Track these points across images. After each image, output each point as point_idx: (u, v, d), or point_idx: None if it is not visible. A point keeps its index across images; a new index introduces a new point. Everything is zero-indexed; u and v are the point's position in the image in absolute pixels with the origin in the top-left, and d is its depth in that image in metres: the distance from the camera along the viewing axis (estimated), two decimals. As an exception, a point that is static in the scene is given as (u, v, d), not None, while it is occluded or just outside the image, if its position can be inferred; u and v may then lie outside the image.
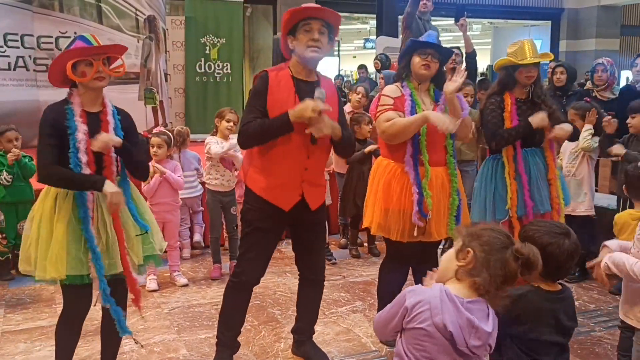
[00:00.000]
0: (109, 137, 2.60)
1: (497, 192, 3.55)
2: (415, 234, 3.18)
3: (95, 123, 2.62)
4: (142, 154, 2.86)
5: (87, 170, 2.58)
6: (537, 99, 3.53)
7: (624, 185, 3.33)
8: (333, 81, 3.24)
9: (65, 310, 2.73)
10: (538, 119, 3.44)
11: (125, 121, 2.76)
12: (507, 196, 3.49)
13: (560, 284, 2.09)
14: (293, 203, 2.95)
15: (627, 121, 4.36)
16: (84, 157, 2.56)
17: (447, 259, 1.84)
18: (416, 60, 3.24)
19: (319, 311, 3.33)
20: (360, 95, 5.58)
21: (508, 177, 3.50)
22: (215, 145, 4.53)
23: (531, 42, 3.58)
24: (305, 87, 2.91)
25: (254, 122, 2.84)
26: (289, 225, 3.19)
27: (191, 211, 5.32)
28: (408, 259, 3.40)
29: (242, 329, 3.17)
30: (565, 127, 3.53)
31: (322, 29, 2.88)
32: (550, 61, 6.10)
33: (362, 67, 11.52)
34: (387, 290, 3.45)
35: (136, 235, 2.73)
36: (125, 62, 2.82)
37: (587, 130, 4.47)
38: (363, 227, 3.49)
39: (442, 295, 1.71)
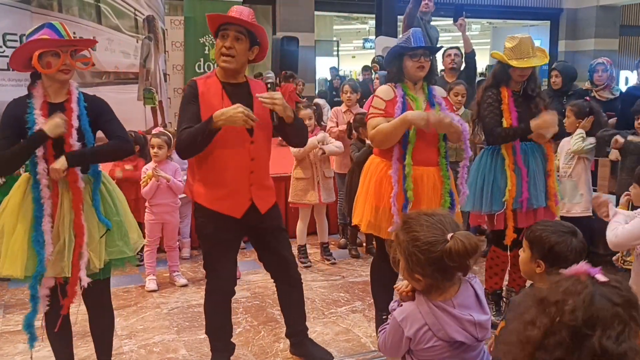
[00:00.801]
0: (58, 163, 2.52)
1: (496, 184, 3.57)
2: (390, 230, 3.16)
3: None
4: (113, 150, 2.70)
5: (43, 165, 2.53)
6: (530, 92, 3.56)
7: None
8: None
9: (48, 306, 2.70)
10: (540, 121, 3.42)
11: (94, 108, 2.68)
12: (505, 188, 3.51)
13: None
14: (244, 209, 2.90)
15: (636, 125, 4.34)
16: (39, 152, 2.53)
17: (408, 280, 1.80)
18: (409, 64, 3.22)
19: (304, 309, 3.29)
20: (348, 94, 5.56)
21: (508, 169, 3.52)
22: None
23: (529, 40, 3.55)
24: (235, 89, 2.89)
25: (185, 130, 2.79)
26: (247, 234, 3.17)
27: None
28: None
29: (240, 330, 3.18)
30: (543, 116, 3.45)
31: (240, 35, 2.82)
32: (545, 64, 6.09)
33: (366, 69, 11.49)
34: (380, 287, 3.49)
35: (100, 236, 2.65)
36: (125, 62, 2.82)
37: (578, 134, 4.44)
38: (352, 224, 3.51)
39: (434, 310, 1.69)
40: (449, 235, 1.67)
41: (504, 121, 3.53)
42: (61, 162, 2.53)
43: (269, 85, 2.89)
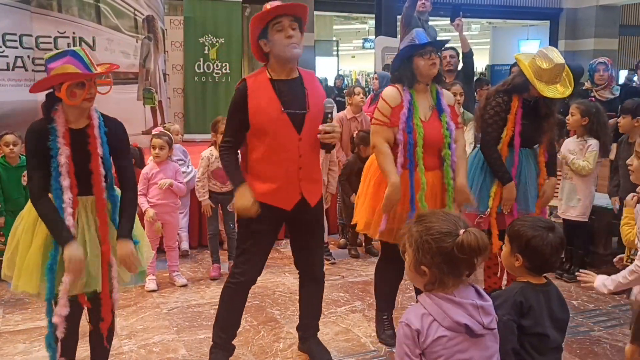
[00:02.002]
0: (130, 256, 2.60)
1: (485, 185, 3.59)
2: (384, 238, 3.22)
3: (81, 140, 2.55)
4: (135, 202, 2.75)
5: (68, 195, 2.51)
6: (544, 108, 3.52)
7: None
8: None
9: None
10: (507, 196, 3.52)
11: (113, 136, 2.66)
12: (492, 191, 3.55)
13: (544, 277, 2.11)
14: (294, 202, 2.97)
15: (618, 120, 4.34)
16: (65, 182, 2.51)
17: (411, 275, 1.81)
18: (421, 63, 3.17)
19: (321, 308, 3.33)
20: (361, 95, 5.54)
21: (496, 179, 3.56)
22: (200, 170, 4.65)
23: (562, 68, 3.39)
24: (286, 86, 2.91)
25: (226, 155, 2.94)
26: (287, 225, 3.20)
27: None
28: (402, 259, 3.41)
29: (240, 330, 3.17)
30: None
31: (293, 24, 2.85)
32: None
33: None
34: (384, 290, 3.50)
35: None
36: (124, 62, 2.82)
37: (573, 163, 4.40)
38: (352, 223, 3.52)
39: (436, 300, 1.71)
40: (462, 230, 1.69)
41: (505, 131, 3.52)
42: (131, 247, 2.61)
43: (329, 117, 2.92)
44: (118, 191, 2.77)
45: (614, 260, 3.16)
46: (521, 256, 2.05)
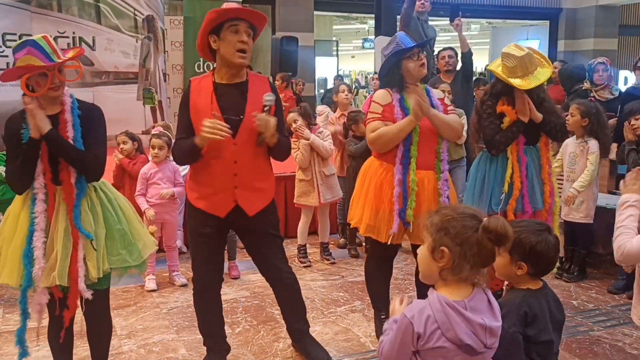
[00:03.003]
0: (39, 120, 2.48)
1: (497, 184, 3.57)
2: (391, 241, 3.21)
3: (53, 125, 2.53)
4: (84, 161, 2.60)
5: (39, 180, 2.53)
6: (536, 97, 3.53)
7: None
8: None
9: (49, 316, 2.71)
10: (521, 110, 3.44)
11: (88, 118, 2.63)
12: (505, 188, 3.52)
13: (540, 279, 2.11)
14: (227, 210, 2.91)
15: (632, 123, 4.32)
16: (39, 167, 2.54)
17: (425, 262, 1.77)
18: (411, 65, 3.21)
19: (300, 308, 3.25)
20: (345, 93, 5.54)
21: (517, 179, 3.53)
22: None
23: (528, 57, 3.38)
24: (228, 89, 2.86)
25: (177, 143, 2.90)
26: (238, 235, 3.21)
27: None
28: (391, 258, 3.49)
29: (239, 330, 3.17)
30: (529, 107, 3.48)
31: (249, 31, 2.80)
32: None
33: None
34: (377, 289, 3.51)
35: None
36: (124, 62, 2.80)
37: (577, 184, 4.40)
38: (352, 226, 3.52)
39: (445, 308, 1.67)
40: (486, 217, 1.68)
41: (506, 120, 3.52)
42: (44, 123, 2.48)
43: (265, 109, 2.83)
44: (102, 182, 2.73)
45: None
46: (525, 263, 2.01)
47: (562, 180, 4.57)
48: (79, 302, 2.66)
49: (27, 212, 2.57)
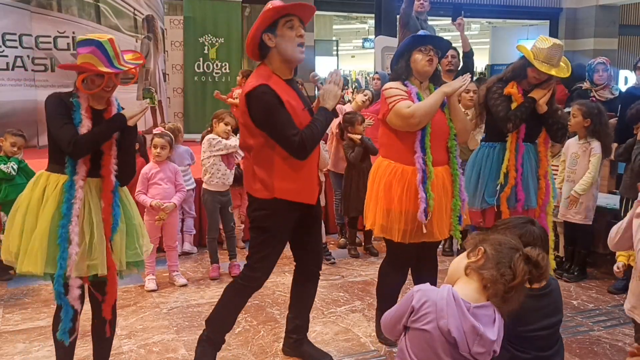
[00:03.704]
0: (134, 112, 2.69)
1: (491, 179, 3.59)
2: (424, 231, 3.15)
3: (99, 120, 2.63)
4: (132, 154, 2.84)
5: (82, 168, 2.58)
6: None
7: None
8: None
9: (57, 308, 2.71)
10: (540, 93, 3.48)
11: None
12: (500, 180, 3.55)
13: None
14: (317, 195, 3.06)
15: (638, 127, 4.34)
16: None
17: (458, 259, 1.83)
18: (418, 57, 3.18)
19: (311, 307, 3.32)
20: (367, 97, 5.55)
21: (512, 168, 3.54)
22: (226, 142, 4.62)
23: (560, 48, 3.49)
24: (291, 85, 2.90)
25: (307, 132, 2.81)
26: (299, 222, 3.07)
27: (183, 212, 5.29)
28: (408, 261, 3.40)
29: (240, 330, 3.17)
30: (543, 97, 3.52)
31: (302, 26, 2.83)
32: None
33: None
34: (388, 292, 3.46)
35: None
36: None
37: (579, 186, 4.42)
38: (366, 229, 3.50)
39: (449, 298, 1.69)
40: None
41: (513, 104, 3.52)
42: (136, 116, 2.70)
43: (319, 83, 2.99)
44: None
45: (615, 270, 3.18)
46: None
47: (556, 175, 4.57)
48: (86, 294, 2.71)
49: (54, 200, 2.57)
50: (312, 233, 3.15)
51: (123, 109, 2.75)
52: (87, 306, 2.82)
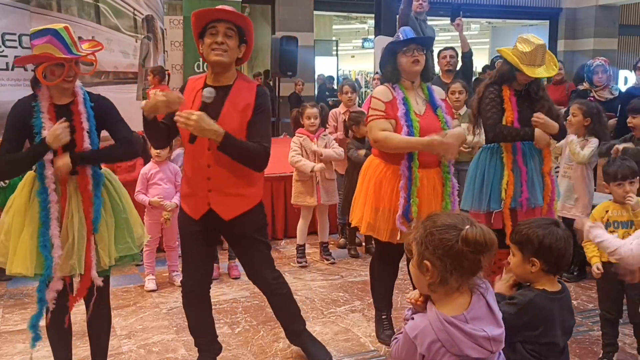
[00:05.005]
0: (62, 163, 2.53)
1: (495, 182, 3.57)
2: (398, 238, 3.16)
3: (65, 115, 2.56)
4: (119, 151, 2.74)
5: (51, 169, 2.54)
6: (534, 94, 3.54)
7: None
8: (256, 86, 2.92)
9: (50, 308, 2.70)
10: (541, 135, 3.46)
11: (100, 108, 2.67)
12: (504, 182, 3.52)
13: (558, 281, 2.09)
14: (201, 213, 2.88)
15: (628, 121, 4.33)
16: (49, 155, 2.54)
17: (415, 276, 1.78)
18: (403, 60, 3.20)
19: (290, 311, 3.22)
20: (349, 94, 5.57)
21: (506, 168, 3.52)
22: None
23: (543, 48, 3.45)
24: (218, 92, 2.79)
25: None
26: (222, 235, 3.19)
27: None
28: (397, 258, 3.44)
29: (239, 330, 3.16)
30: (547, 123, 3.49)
31: (230, 32, 2.77)
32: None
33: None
34: (380, 289, 3.50)
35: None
36: (124, 61, 2.81)
37: (572, 142, 4.42)
38: (352, 225, 3.50)
39: (447, 327, 1.65)
40: (468, 225, 1.65)
41: (505, 119, 3.53)
42: (63, 161, 2.53)
43: (202, 105, 2.74)
44: (106, 170, 2.77)
45: (594, 272, 3.17)
46: (537, 259, 2.00)
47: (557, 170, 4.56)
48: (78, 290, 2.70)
49: (36, 201, 2.57)
50: (243, 255, 3.06)
51: (92, 99, 2.65)
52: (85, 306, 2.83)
